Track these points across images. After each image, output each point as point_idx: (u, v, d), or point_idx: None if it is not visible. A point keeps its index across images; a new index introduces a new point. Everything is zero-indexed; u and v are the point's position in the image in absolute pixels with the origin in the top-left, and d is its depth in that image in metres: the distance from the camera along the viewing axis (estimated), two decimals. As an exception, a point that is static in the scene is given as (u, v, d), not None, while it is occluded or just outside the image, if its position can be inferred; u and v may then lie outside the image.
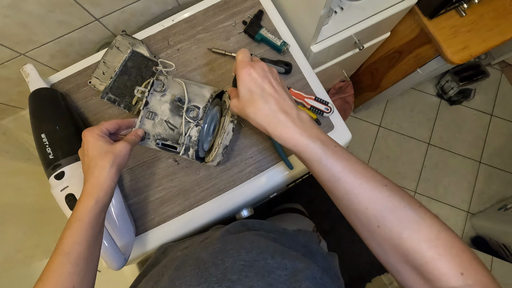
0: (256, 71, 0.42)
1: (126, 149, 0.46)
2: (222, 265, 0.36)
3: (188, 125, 0.53)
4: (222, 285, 0.32)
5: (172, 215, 0.64)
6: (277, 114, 0.40)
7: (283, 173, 0.65)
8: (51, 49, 0.78)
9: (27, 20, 0.67)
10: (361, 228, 0.37)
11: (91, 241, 0.40)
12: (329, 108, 0.65)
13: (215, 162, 0.57)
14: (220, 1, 0.75)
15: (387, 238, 0.34)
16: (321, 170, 0.38)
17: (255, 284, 0.32)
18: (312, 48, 0.76)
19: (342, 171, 0.37)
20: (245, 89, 0.42)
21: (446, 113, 1.83)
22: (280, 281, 0.34)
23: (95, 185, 0.42)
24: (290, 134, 0.39)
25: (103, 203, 0.42)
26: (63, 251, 0.38)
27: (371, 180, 0.36)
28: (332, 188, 0.38)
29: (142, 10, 0.82)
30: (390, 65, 1.12)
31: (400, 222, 0.33)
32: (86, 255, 0.40)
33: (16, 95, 0.85)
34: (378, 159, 1.78)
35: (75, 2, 0.68)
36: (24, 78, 0.66)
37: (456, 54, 0.78)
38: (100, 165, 0.43)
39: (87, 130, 0.46)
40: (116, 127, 0.51)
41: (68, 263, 0.38)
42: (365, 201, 0.35)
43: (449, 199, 1.72)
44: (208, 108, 0.54)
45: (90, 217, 0.40)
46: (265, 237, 0.46)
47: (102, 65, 0.67)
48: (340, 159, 0.37)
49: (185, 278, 0.35)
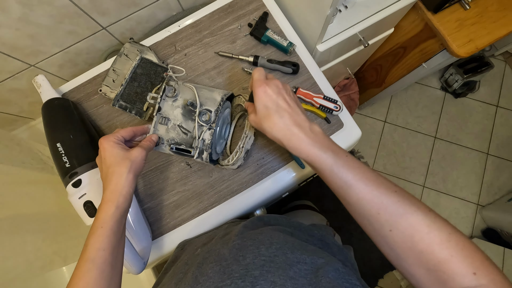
0: (271, 89, 0.45)
1: (142, 155, 0.47)
2: (243, 261, 0.37)
3: (201, 129, 0.53)
4: (246, 281, 0.33)
5: (187, 218, 0.65)
6: (291, 128, 0.43)
7: (295, 172, 0.66)
8: (60, 59, 0.79)
9: (37, 32, 0.68)
10: (374, 234, 0.38)
11: (115, 246, 0.41)
12: (338, 106, 0.65)
13: (236, 165, 0.58)
14: (225, 4, 0.75)
15: (399, 242, 0.35)
16: (333, 178, 0.40)
17: (277, 279, 0.33)
18: (318, 47, 0.76)
19: (353, 178, 0.39)
20: (261, 105, 0.45)
21: (451, 106, 1.83)
22: (301, 274, 0.34)
23: (114, 191, 0.43)
24: (304, 145, 0.42)
25: (123, 208, 0.43)
26: (88, 258, 0.39)
27: (381, 187, 0.38)
28: (344, 195, 0.40)
29: (147, 17, 0.83)
30: (395, 61, 1.12)
31: (411, 226, 0.35)
32: (111, 260, 0.40)
33: (27, 106, 0.87)
34: (385, 154, 1.77)
35: (83, 12, 0.69)
36: (36, 89, 0.67)
37: (462, 47, 0.78)
38: (118, 172, 0.44)
39: (103, 138, 0.47)
40: (131, 134, 0.51)
41: (94, 269, 0.39)
42: (376, 207, 0.37)
43: (458, 192, 1.71)
44: (220, 111, 0.55)
45: (112, 223, 0.41)
46: (283, 232, 0.46)
47: (112, 73, 0.68)
48: (351, 168, 0.40)
49: (208, 275, 0.36)
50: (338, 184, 0.40)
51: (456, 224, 1.65)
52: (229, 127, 0.66)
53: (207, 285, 0.34)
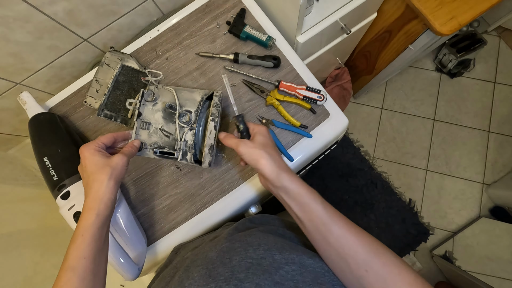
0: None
1: (123, 161, 0.47)
2: (230, 264, 0.37)
3: (183, 130, 0.53)
4: (230, 283, 0.33)
5: (181, 221, 0.65)
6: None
7: (284, 166, 0.65)
8: (45, 75, 0.79)
9: (18, 50, 0.68)
10: (351, 277, 0.37)
11: (96, 254, 0.41)
12: (321, 96, 0.65)
13: (206, 163, 0.57)
14: (202, 5, 0.75)
15: (374, 283, 0.35)
16: (318, 213, 0.40)
17: (262, 282, 0.33)
18: (298, 39, 0.76)
19: (335, 214, 0.40)
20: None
21: (448, 86, 1.80)
22: (288, 277, 0.34)
23: (95, 199, 0.43)
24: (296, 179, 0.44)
25: (104, 216, 0.43)
26: (69, 266, 0.39)
27: (353, 226, 0.40)
28: (326, 232, 0.39)
29: (128, 25, 0.83)
30: (382, 46, 1.11)
31: (385, 266, 0.36)
32: (92, 268, 0.40)
33: (18, 124, 0.88)
34: (384, 141, 1.76)
35: (61, 26, 0.70)
36: (22, 106, 0.67)
37: (444, 26, 0.77)
38: (99, 179, 0.44)
39: (83, 146, 0.47)
40: (112, 140, 0.52)
41: (75, 277, 0.39)
42: (355, 245, 0.37)
43: (462, 172, 1.69)
44: (200, 111, 0.55)
45: (93, 231, 0.41)
46: (273, 233, 0.46)
47: (95, 83, 0.69)
48: (329, 206, 0.42)
49: (194, 278, 0.36)
50: (321, 220, 0.40)
51: (463, 205, 1.63)
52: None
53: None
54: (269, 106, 0.68)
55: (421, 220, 1.61)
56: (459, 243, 1.55)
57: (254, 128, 0.51)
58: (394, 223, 1.60)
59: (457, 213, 1.64)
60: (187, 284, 0.36)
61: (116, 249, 0.54)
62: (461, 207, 1.65)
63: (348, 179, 1.66)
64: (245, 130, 0.53)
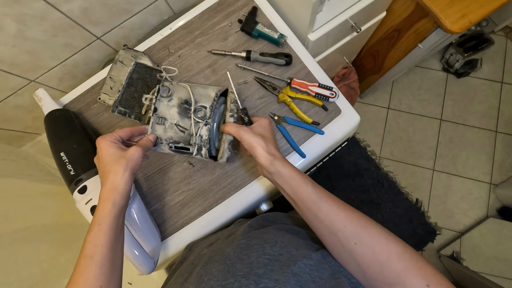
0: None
1: (138, 153, 0.48)
2: (247, 260, 0.37)
3: (198, 125, 0.54)
4: (249, 279, 0.34)
5: (194, 217, 0.65)
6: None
7: (296, 162, 0.66)
8: (58, 73, 0.81)
9: (34, 47, 0.69)
10: (342, 250, 0.39)
11: (113, 242, 0.42)
12: (333, 93, 0.65)
13: (224, 158, 0.57)
14: (214, 3, 0.76)
15: (364, 255, 0.37)
16: (309, 194, 0.43)
17: (281, 277, 0.33)
18: (310, 36, 0.76)
19: (324, 194, 0.43)
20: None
21: (454, 86, 1.80)
22: (305, 270, 0.35)
23: (110, 189, 0.44)
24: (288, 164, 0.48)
25: (120, 206, 0.44)
26: (87, 254, 0.40)
27: (344, 204, 0.42)
28: (316, 210, 0.42)
29: (140, 24, 0.84)
30: (391, 45, 1.11)
31: (372, 238, 0.37)
32: (110, 256, 0.41)
33: (31, 121, 0.89)
34: (391, 141, 1.75)
35: (76, 24, 0.71)
36: (38, 103, 0.69)
37: (455, 24, 0.77)
38: (114, 170, 0.45)
39: (100, 138, 0.49)
40: (129, 134, 0.53)
41: (93, 265, 0.39)
42: (343, 220, 0.40)
43: (469, 172, 1.69)
44: (215, 107, 0.55)
45: (109, 220, 0.42)
46: (288, 231, 0.47)
47: (109, 81, 0.70)
48: (319, 187, 0.45)
49: (213, 273, 0.37)
50: (311, 199, 0.42)
51: (470, 205, 1.63)
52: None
53: (211, 284, 0.35)
54: (281, 104, 0.69)
55: (428, 220, 1.61)
56: (466, 243, 1.54)
57: (257, 119, 0.55)
58: (401, 223, 1.60)
59: (465, 213, 1.63)
60: (206, 280, 0.36)
61: (132, 243, 0.54)
62: (469, 207, 1.64)
63: (354, 178, 1.66)
64: (250, 122, 0.57)
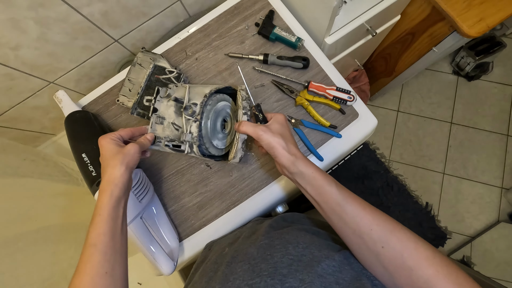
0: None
1: (135, 149, 0.50)
2: (271, 260, 0.38)
3: (189, 123, 0.55)
4: (275, 278, 0.34)
5: (211, 218, 0.66)
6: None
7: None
8: (76, 75, 0.82)
9: (54, 50, 0.71)
10: (368, 253, 0.39)
11: (114, 231, 0.43)
12: (351, 96, 0.66)
13: (237, 158, 0.56)
14: (231, 7, 0.77)
15: (392, 259, 0.36)
16: (332, 194, 0.43)
17: (306, 277, 0.34)
18: (327, 40, 0.76)
19: (349, 196, 0.42)
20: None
21: (465, 89, 1.79)
22: (329, 272, 0.35)
23: (108, 182, 0.46)
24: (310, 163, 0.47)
25: (117, 196, 0.45)
26: (90, 243, 0.42)
27: (370, 206, 0.41)
28: (341, 212, 0.41)
29: (156, 26, 0.85)
30: (404, 48, 1.11)
31: (401, 242, 0.36)
32: (112, 244, 0.42)
33: (48, 122, 0.90)
34: (400, 144, 1.75)
35: (96, 27, 0.72)
36: (57, 104, 0.70)
37: (472, 28, 0.77)
38: (111, 164, 0.47)
39: (102, 136, 0.51)
40: (130, 134, 0.55)
41: (97, 252, 0.41)
42: (369, 223, 0.39)
43: (480, 176, 1.67)
44: (205, 104, 0.56)
45: (109, 210, 0.44)
46: (308, 232, 0.47)
47: (128, 83, 0.70)
48: (344, 188, 0.44)
49: (238, 273, 0.37)
50: (336, 201, 0.42)
51: (481, 209, 1.61)
52: (235, 121, 0.65)
53: (237, 283, 0.36)
54: (298, 107, 0.69)
55: (438, 224, 1.60)
56: (477, 248, 1.53)
57: (272, 116, 0.54)
58: (411, 226, 1.57)
59: (475, 217, 1.62)
60: (232, 279, 0.37)
61: (152, 244, 0.55)
62: (479, 212, 1.62)
63: (364, 181, 1.66)
64: (264, 119, 0.55)
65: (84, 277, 0.40)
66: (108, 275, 0.40)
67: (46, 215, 0.66)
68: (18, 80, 0.71)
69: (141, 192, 0.58)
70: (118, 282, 0.42)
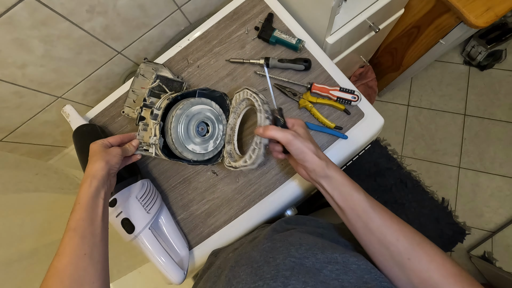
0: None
1: (117, 151, 0.54)
2: (274, 262, 0.38)
3: (154, 126, 0.58)
4: (277, 281, 0.34)
5: (220, 225, 0.66)
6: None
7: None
8: (83, 88, 0.83)
9: (60, 65, 0.72)
10: (392, 263, 0.38)
11: (94, 218, 0.46)
12: (356, 96, 0.64)
13: (256, 164, 0.53)
14: (230, 12, 0.77)
15: (417, 272, 0.36)
16: (360, 201, 0.42)
17: (309, 280, 0.33)
18: (328, 40, 0.75)
19: (377, 204, 0.42)
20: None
21: (477, 79, 1.73)
22: (332, 277, 0.34)
23: (87, 175, 0.49)
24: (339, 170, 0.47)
25: (96, 187, 0.48)
26: (70, 228, 0.44)
27: (394, 216, 0.41)
28: (367, 220, 0.41)
29: (158, 36, 0.86)
30: (410, 42, 1.09)
31: (427, 255, 0.36)
32: (91, 230, 0.45)
33: (59, 135, 0.92)
34: (412, 139, 1.71)
35: (98, 41, 0.73)
36: (65, 118, 0.71)
37: (480, 18, 0.74)
38: (93, 160, 0.51)
39: (92, 143, 0.55)
40: (119, 140, 0.58)
41: (76, 236, 0.43)
42: (396, 233, 0.39)
43: (497, 169, 1.62)
44: (173, 107, 0.59)
45: (87, 199, 0.46)
46: (312, 234, 0.47)
47: (132, 94, 0.71)
48: (371, 197, 0.44)
49: (241, 277, 0.37)
50: (363, 208, 0.42)
51: (501, 202, 1.56)
52: (220, 125, 0.64)
53: (240, 286, 0.36)
54: (302, 109, 0.68)
55: (456, 220, 1.55)
56: (499, 243, 1.48)
57: (294, 121, 0.52)
58: (427, 223, 1.55)
59: (495, 211, 1.56)
60: (235, 283, 0.37)
61: (161, 253, 0.55)
62: (499, 205, 1.57)
63: (376, 178, 1.63)
64: (285, 124, 0.52)
65: (64, 258, 0.41)
66: (86, 256, 0.42)
67: (60, 228, 0.67)
68: (27, 97, 0.73)
69: (149, 202, 0.59)
70: (98, 265, 0.44)
